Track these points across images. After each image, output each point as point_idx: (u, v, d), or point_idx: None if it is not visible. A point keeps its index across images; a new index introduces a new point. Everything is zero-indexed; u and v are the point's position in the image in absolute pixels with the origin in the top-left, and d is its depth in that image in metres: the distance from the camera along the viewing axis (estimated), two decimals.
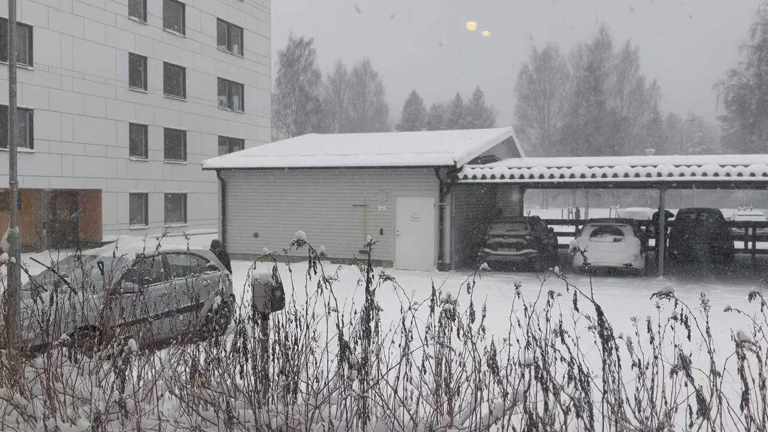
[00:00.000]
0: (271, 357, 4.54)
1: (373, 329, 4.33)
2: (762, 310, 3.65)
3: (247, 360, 4.47)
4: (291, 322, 4.56)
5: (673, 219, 21.26)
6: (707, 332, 3.74)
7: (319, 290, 4.30)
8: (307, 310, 4.52)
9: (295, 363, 4.46)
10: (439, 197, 17.83)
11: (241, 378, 4.51)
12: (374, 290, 4.32)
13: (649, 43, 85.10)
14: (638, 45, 73.34)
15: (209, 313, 4.74)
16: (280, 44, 64.84)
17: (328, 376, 4.41)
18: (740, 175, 15.17)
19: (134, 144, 29.04)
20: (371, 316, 4.31)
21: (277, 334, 4.53)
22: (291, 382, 4.38)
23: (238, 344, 4.47)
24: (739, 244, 21.41)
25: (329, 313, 4.40)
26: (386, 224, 18.44)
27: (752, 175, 15.06)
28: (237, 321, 4.58)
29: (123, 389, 4.04)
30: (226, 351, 4.64)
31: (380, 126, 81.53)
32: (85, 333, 5.75)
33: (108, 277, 7.34)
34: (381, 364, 4.40)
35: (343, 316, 4.38)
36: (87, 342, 5.47)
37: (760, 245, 21.88)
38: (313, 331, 4.53)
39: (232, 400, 4.42)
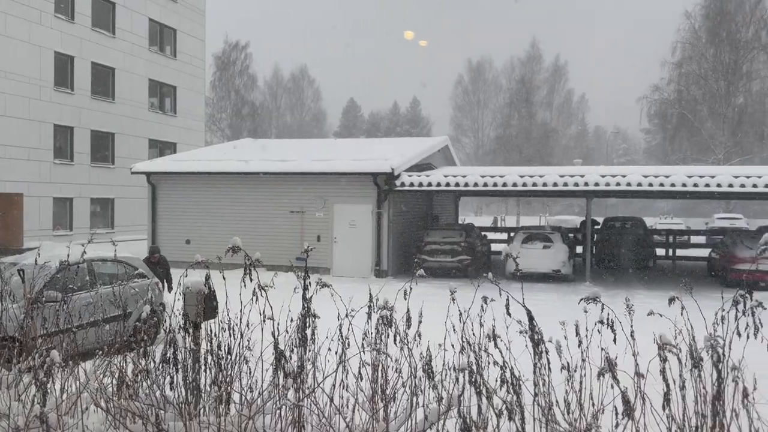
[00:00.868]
0: (203, 367, 4.42)
1: (309, 337, 4.29)
2: (682, 314, 3.84)
3: (177, 371, 4.34)
4: (224, 331, 4.47)
5: (599, 227, 22.15)
6: (632, 335, 3.91)
7: (254, 298, 4.23)
8: (241, 319, 4.44)
9: (228, 373, 4.36)
10: (377, 204, 17.90)
11: (171, 389, 4.38)
12: (311, 297, 4.28)
13: (578, 57, 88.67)
14: (567, 59, 76.10)
15: (137, 323, 4.57)
16: (215, 47, 63.55)
17: (262, 386, 4.34)
18: (661, 185, 15.98)
19: (59, 146, 27.77)
20: (308, 324, 4.27)
21: (209, 344, 4.42)
22: (224, 393, 4.28)
23: (168, 354, 4.34)
24: (660, 251, 22.49)
25: (264, 321, 4.33)
26: (324, 231, 18.35)
27: (672, 185, 15.88)
28: (167, 330, 4.44)
29: (44, 403, 3.84)
30: (155, 362, 4.49)
31: (318, 132, 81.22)
32: (4, 344, 5.45)
33: (29, 285, 6.97)
34: (317, 372, 4.36)
35: (278, 324, 4.32)
36: (6, 354, 5.18)
37: (679, 252, 23.06)
38: (248, 340, 4.45)
39: (162, 412, 4.28)
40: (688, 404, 3.77)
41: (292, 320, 4.42)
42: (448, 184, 17.56)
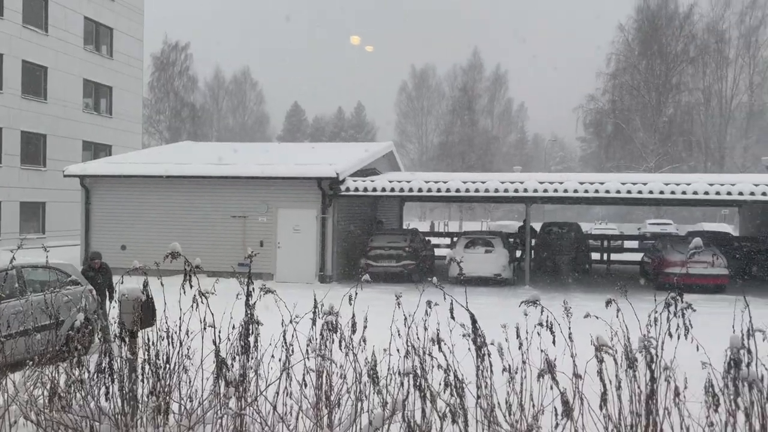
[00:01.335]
0: (140, 377, 4.27)
1: (252, 344, 4.22)
2: (617, 316, 3.98)
3: (113, 381, 4.19)
4: (163, 339, 4.34)
5: (537, 232, 22.72)
6: (570, 337, 4.02)
7: (195, 305, 4.13)
8: (180, 327, 4.32)
9: (167, 383, 4.23)
10: (322, 209, 17.80)
11: (106, 400, 4.21)
12: (254, 304, 4.21)
13: (517, 67, 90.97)
14: (507, 69, 77.92)
15: (70, 332, 4.38)
16: (153, 47, 61.84)
17: (202, 395, 4.23)
18: (596, 192, 16.56)
19: None
20: (251, 331, 4.20)
21: (147, 353, 4.28)
22: (162, 403, 4.15)
23: (103, 364, 4.17)
24: (595, 256, 23.26)
25: (205, 329, 4.23)
26: (267, 236, 18.10)
27: (607, 192, 16.48)
28: (102, 339, 4.28)
29: None
30: (89, 372, 4.31)
31: (261, 136, 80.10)
32: None
33: None
34: (260, 379, 4.29)
35: (220, 331, 4.23)
36: None
37: (613, 256, 23.91)
38: (187, 349, 4.33)
39: (97, 424, 4.11)
40: (624, 404, 3.90)
41: (234, 327, 4.33)
42: (393, 190, 17.66)
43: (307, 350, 4.34)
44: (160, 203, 18.85)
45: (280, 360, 4.28)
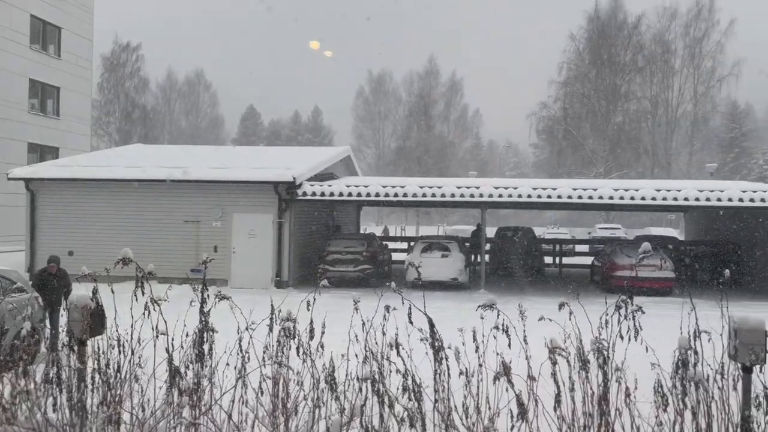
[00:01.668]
0: (89, 387, 4.14)
1: (206, 352, 4.14)
2: (570, 319, 4.07)
3: (61, 391, 4.04)
4: (113, 347, 4.21)
5: (492, 236, 23.05)
6: (525, 340, 4.08)
7: (147, 312, 4.02)
8: (132, 335, 4.20)
9: (118, 392, 4.11)
10: (278, 214, 17.63)
11: (54, 412, 4.06)
12: (209, 311, 4.14)
13: (473, 74, 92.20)
14: (463, 75, 78.96)
15: (15, 341, 4.21)
16: (103, 47, 60.25)
17: (155, 405, 4.12)
18: (549, 197, 16.92)
19: None
20: (205, 339, 4.12)
21: (97, 362, 4.15)
22: (112, 413, 4.03)
23: (51, 374, 4.02)
24: (548, 259, 23.73)
25: (157, 336, 4.13)
26: (221, 241, 17.80)
27: (559, 197, 16.86)
28: (49, 348, 4.13)
29: None
30: (36, 382, 4.15)
31: (215, 139, 78.86)
32: None
33: None
34: (215, 388, 4.22)
35: (173, 339, 4.14)
36: None
37: (565, 260, 24.44)
38: (139, 357, 4.22)
39: None
40: (577, 404, 3.98)
41: (187, 335, 4.25)
42: (350, 194, 17.64)
43: (263, 357, 4.28)
44: (109, 208, 18.33)
45: (235, 368, 4.21)
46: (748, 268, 18.58)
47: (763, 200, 15.87)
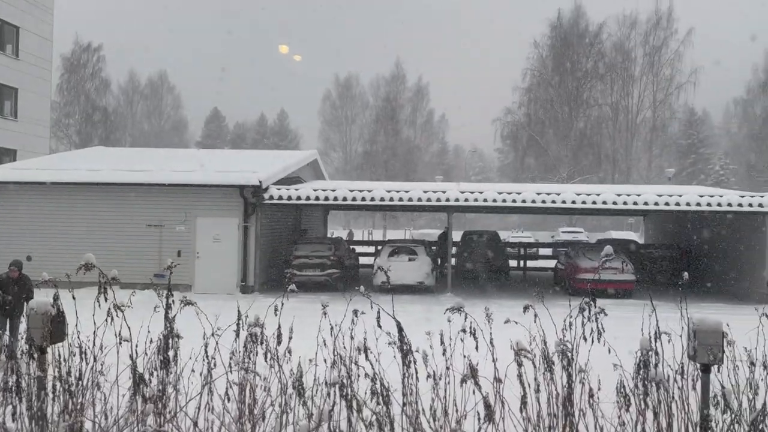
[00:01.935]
0: (50, 395, 4.03)
1: (171, 358, 4.07)
2: (535, 321, 4.13)
3: (20, 400, 3.93)
4: (75, 355, 4.12)
5: (458, 240, 23.23)
6: (491, 343, 4.13)
7: (110, 319, 3.95)
8: (94, 341, 4.11)
9: (79, 400, 4.02)
10: (244, 218, 17.46)
11: (13, 421, 3.95)
12: (174, 317, 4.07)
13: (439, 79, 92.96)
14: (429, 80, 79.55)
15: None
16: (63, 48, 58.85)
17: (118, 413, 4.04)
18: (514, 201, 17.16)
19: None
20: (170, 345, 4.06)
21: (57, 369, 4.05)
22: (74, 422, 3.93)
23: (10, 383, 3.91)
24: (513, 262, 24.02)
25: (120, 343, 4.05)
26: (185, 246, 17.53)
27: (524, 201, 17.12)
28: (8, 356, 4.01)
29: None
30: None
31: (179, 142, 77.65)
32: None
33: None
34: (180, 395, 4.15)
35: (137, 346, 4.06)
36: None
37: (529, 263, 24.78)
38: (101, 364, 4.13)
39: None
40: (543, 406, 4.05)
41: (152, 341, 4.18)
42: (317, 198, 17.58)
43: (230, 363, 4.23)
44: (70, 212, 17.89)
45: (201, 374, 4.15)
46: (704, 271, 19.13)
47: (719, 204, 16.38)
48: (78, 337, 4.16)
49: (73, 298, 4.08)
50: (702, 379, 4.23)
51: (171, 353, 4.08)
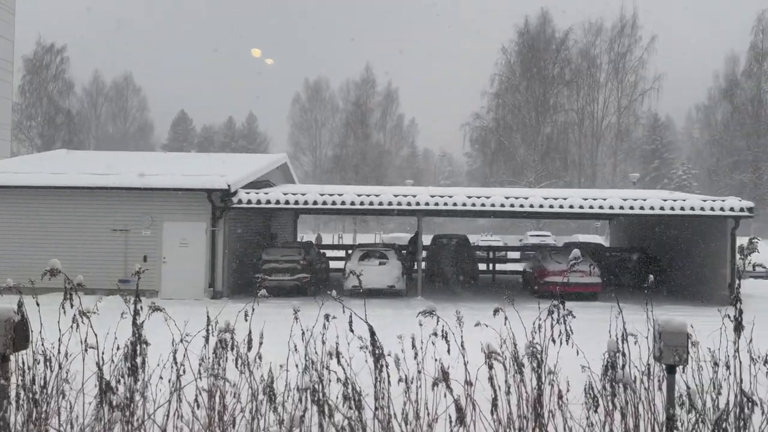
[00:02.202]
0: (13, 404, 3.92)
1: (139, 365, 4.00)
2: (505, 324, 4.17)
3: None
4: (38, 362, 4.02)
5: (429, 244, 23.34)
6: (462, 346, 4.16)
7: (75, 325, 3.86)
8: (59, 348, 4.02)
9: (44, 409, 3.92)
10: (212, 222, 17.24)
11: None
12: (143, 323, 4.01)
13: (408, 84, 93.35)
14: (399, 85, 79.85)
15: None
16: (25, 48, 57.41)
17: (84, 422, 3.95)
18: (483, 205, 17.31)
19: None
20: (138, 351, 3.99)
21: (21, 378, 3.94)
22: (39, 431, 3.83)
23: None
24: (482, 266, 24.21)
25: (86, 350, 3.97)
26: (151, 250, 17.24)
27: (492, 206, 17.28)
28: None
29: None
30: None
31: (144, 145, 76.41)
32: None
33: None
34: (148, 402, 4.08)
35: (103, 353, 3.98)
36: None
37: (498, 267, 25.02)
38: (66, 372, 4.04)
39: None
40: (513, 408, 4.09)
41: (118, 348, 4.10)
42: (287, 202, 17.47)
43: (199, 370, 4.18)
44: (33, 216, 17.45)
45: (170, 381, 4.09)
46: (668, 273, 19.57)
47: (682, 209, 16.78)
48: (42, 345, 4.06)
49: (37, 304, 3.99)
50: (667, 379, 4.31)
51: (139, 360, 4.01)
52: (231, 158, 27.06)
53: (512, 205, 17.28)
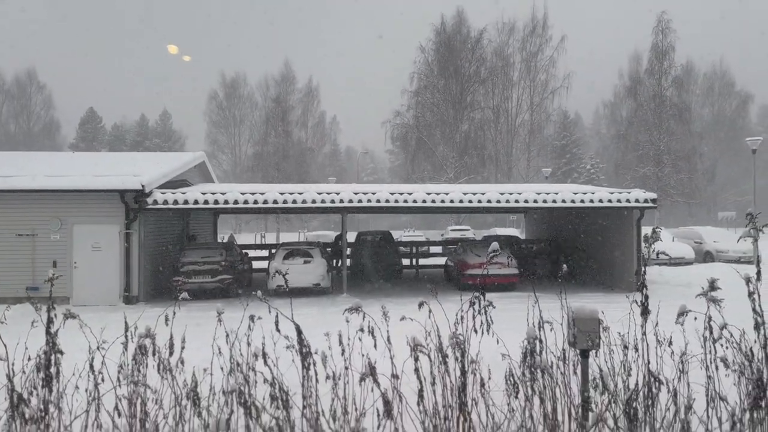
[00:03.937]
0: None
1: (54, 375, 3.82)
2: (429, 317, 4.28)
3: None
4: None
5: (353, 241, 23.42)
6: (388, 340, 4.23)
7: None
8: None
9: None
10: (126, 224, 16.55)
11: None
12: (57, 331, 3.82)
13: (329, 81, 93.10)
14: (319, 82, 79.38)
15: None
16: None
17: None
18: (405, 202, 17.55)
19: None
20: (52, 361, 3.80)
21: None
22: None
23: None
24: (406, 261, 24.55)
25: None
26: (61, 255, 16.35)
27: (414, 202, 17.55)
28: None
29: None
30: None
31: (50, 144, 72.26)
32: None
33: None
34: (64, 414, 3.90)
35: (13, 364, 3.77)
36: None
37: (421, 261, 25.44)
38: None
39: None
40: (438, 398, 4.20)
41: (30, 358, 3.89)
42: (206, 202, 17.02)
43: (118, 377, 4.04)
44: None
45: (87, 390, 3.93)
46: (580, 262, 20.55)
47: (591, 201, 17.66)
48: None
49: None
50: (582, 363, 4.55)
51: (53, 370, 3.83)
52: (145, 157, 26.03)
53: (434, 201, 17.62)
